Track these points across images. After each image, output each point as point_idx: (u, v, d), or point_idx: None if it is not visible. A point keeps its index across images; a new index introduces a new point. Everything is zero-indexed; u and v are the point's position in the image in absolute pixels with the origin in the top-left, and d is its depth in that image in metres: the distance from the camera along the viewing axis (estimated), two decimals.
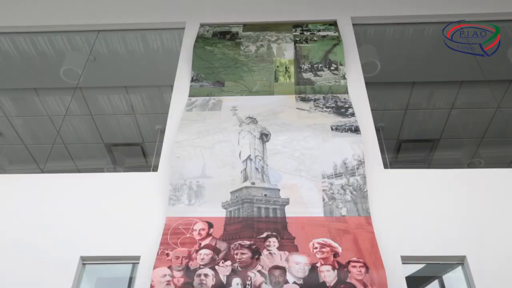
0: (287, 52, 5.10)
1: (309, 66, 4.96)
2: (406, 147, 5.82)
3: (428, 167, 5.78)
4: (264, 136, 4.21)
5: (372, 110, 4.61)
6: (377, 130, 4.56)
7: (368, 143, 4.24)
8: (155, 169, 4.32)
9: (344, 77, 4.82)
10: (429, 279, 3.77)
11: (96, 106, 5.91)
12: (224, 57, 5.08)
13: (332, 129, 4.25)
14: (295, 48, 5.14)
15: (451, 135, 5.90)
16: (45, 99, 5.84)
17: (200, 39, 5.28)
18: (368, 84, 4.81)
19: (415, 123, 5.87)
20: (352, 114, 4.40)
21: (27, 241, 3.75)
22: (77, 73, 5.56)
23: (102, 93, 5.92)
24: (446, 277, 3.74)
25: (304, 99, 4.67)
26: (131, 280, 3.66)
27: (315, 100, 4.65)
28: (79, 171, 6.20)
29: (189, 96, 4.78)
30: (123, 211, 3.91)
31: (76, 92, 5.68)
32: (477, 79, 5.32)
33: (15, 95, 5.95)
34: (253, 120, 4.37)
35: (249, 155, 4.06)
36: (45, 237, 3.77)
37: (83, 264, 3.71)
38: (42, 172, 5.27)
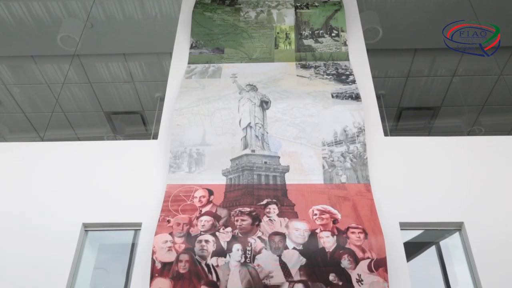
0: (288, 18, 5.01)
1: (310, 32, 4.89)
2: (406, 114, 5.81)
3: (429, 135, 5.78)
4: (264, 104, 4.19)
5: (373, 77, 4.56)
6: (378, 97, 4.53)
7: (368, 111, 4.22)
8: (155, 137, 4.32)
9: (345, 44, 4.75)
10: (427, 245, 3.83)
11: (95, 74, 5.85)
12: (223, 23, 5.00)
13: (332, 96, 4.22)
14: (296, 14, 5.04)
15: (452, 102, 5.87)
16: (43, 67, 5.78)
17: (199, 5, 5.17)
18: (370, 51, 4.75)
19: (416, 91, 5.83)
20: (353, 82, 4.36)
21: (29, 209, 3.79)
22: (74, 40, 5.49)
23: (101, 60, 5.85)
24: (443, 243, 3.80)
25: (304, 66, 4.62)
26: (133, 246, 3.71)
27: (315, 67, 4.60)
28: (79, 139, 6.21)
29: (189, 63, 4.73)
30: (124, 178, 3.94)
31: (74, 59, 5.62)
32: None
33: (12, 63, 5.88)
34: (253, 88, 4.34)
35: (249, 123, 4.05)
36: (46, 204, 3.81)
37: (86, 230, 3.76)
38: (42, 140, 5.28)
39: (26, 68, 5.87)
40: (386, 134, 4.21)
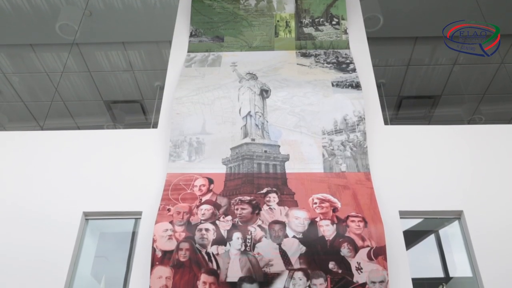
0: (288, 6, 4.97)
1: (310, 20, 4.85)
2: (407, 103, 5.79)
3: (429, 124, 5.77)
4: (264, 92, 4.18)
5: (373, 66, 4.54)
6: (378, 86, 4.52)
7: (368, 99, 4.21)
8: (155, 126, 4.32)
9: (345, 32, 4.73)
10: (426, 233, 3.85)
11: (94, 63, 5.82)
12: (223, 11, 4.96)
13: (332, 85, 4.21)
14: (296, 2, 5.00)
15: (453, 91, 5.85)
16: (42, 56, 5.75)
17: None
18: (370, 39, 4.72)
19: (417, 79, 5.81)
20: (353, 70, 4.34)
21: (29, 198, 3.80)
22: (73, 29, 5.45)
23: (100, 49, 5.82)
24: (442, 232, 3.82)
25: (304, 55, 4.60)
26: (133, 235, 3.73)
27: (315, 55, 4.58)
28: (79, 128, 6.20)
29: (188, 51, 4.71)
30: (124, 167, 3.94)
31: (73, 48, 5.59)
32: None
33: (11, 51, 5.85)
34: (253, 76, 4.32)
35: (249, 111, 4.04)
36: (47, 193, 3.82)
37: (86, 219, 3.77)
38: (42, 129, 5.27)
39: (24, 57, 5.84)
40: (386, 123, 4.21)
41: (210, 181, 3.70)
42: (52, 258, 3.48)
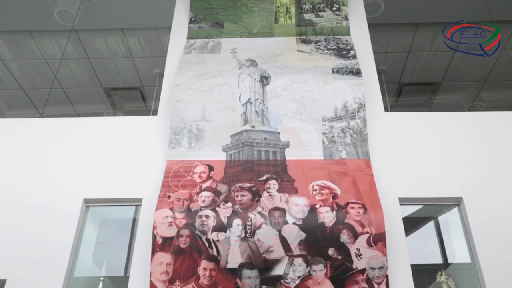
0: None
1: (311, 6, 4.81)
2: (407, 90, 5.77)
3: (429, 111, 5.76)
4: (264, 79, 4.16)
5: (374, 52, 4.52)
6: (379, 73, 4.50)
7: (369, 86, 4.20)
8: (154, 113, 4.31)
9: (346, 18, 4.69)
10: (425, 220, 3.86)
11: (93, 50, 5.79)
12: None
13: (333, 71, 4.19)
14: None
15: (453, 78, 5.82)
16: (40, 42, 5.72)
17: None
18: (371, 26, 4.69)
19: (418, 66, 5.78)
20: (354, 57, 4.32)
21: (29, 185, 3.81)
22: (71, 15, 5.41)
23: (99, 35, 5.78)
24: (441, 218, 3.83)
25: (305, 41, 4.57)
26: (134, 222, 3.75)
27: (316, 42, 4.55)
28: (78, 115, 6.19)
29: (188, 38, 4.68)
30: (124, 154, 3.94)
31: (71, 34, 5.55)
32: (483, 19, 5.19)
33: (9, 38, 5.81)
34: (253, 63, 4.30)
35: (249, 98, 4.03)
36: (47, 181, 3.82)
37: (87, 206, 3.79)
38: (42, 116, 5.26)
39: (23, 44, 5.80)
40: (386, 110, 4.20)
41: (210, 168, 3.70)
42: (53, 244, 3.50)
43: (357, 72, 4.15)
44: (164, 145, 3.91)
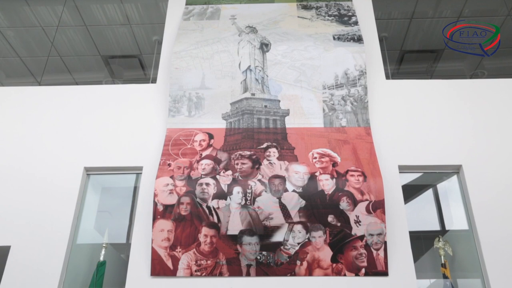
0: None
1: None
2: (409, 57, 5.69)
3: (431, 79, 5.70)
4: (264, 46, 4.10)
5: (376, 19, 4.45)
6: (380, 40, 4.43)
7: (370, 53, 4.15)
8: (153, 81, 4.28)
9: None
10: (424, 188, 3.89)
11: (90, 17, 5.68)
12: None
13: (334, 38, 4.13)
14: None
15: (456, 45, 5.74)
16: (36, 9, 5.60)
17: None
18: None
19: (420, 33, 5.68)
20: (356, 23, 4.24)
21: (29, 154, 3.81)
22: None
23: (96, 2, 5.66)
24: (440, 186, 3.86)
25: (305, 7, 4.48)
26: (135, 190, 3.77)
27: (317, 8, 4.46)
28: (77, 84, 6.13)
29: (186, 4, 4.59)
30: (123, 122, 3.93)
31: (68, 1, 5.44)
32: None
33: (4, 4, 5.70)
34: (252, 30, 4.23)
35: (249, 66, 3.99)
36: (47, 149, 3.83)
37: (87, 174, 3.80)
38: (40, 85, 5.22)
39: (18, 10, 5.70)
40: (387, 78, 4.17)
41: (210, 136, 3.70)
42: (56, 212, 3.53)
43: (359, 39, 4.09)
44: (164, 113, 3.89)
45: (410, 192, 3.71)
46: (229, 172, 3.46)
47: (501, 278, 3.22)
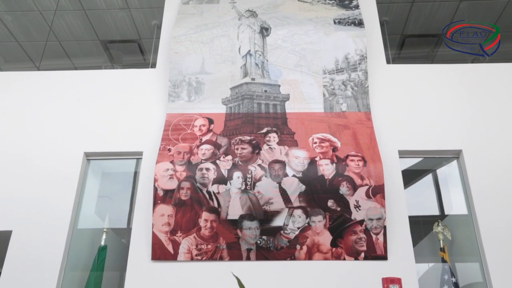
0: None
1: None
2: (410, 42, 5.65)
3: (432, 63, 5.67)
4: (264, 30, 4.07)
5: (377, 2, 4.41)
6: (381, 24, 4.40)
7: (371, 38, 4.11)
8: (153, 66, 4.25)
9: None
10: (424, 173, 3.89)
11: (88, 1, 5.63)
12: None
13: (334, 22, 4.09)
14: None
15: (458, 30, 5.69)
16: None
17: None
18: None
19: (421, 17, 5.63)
20: (356, 7, 4.20)
21: (30, 139, 3.81)
22: None
23: None
24: (440, 171, 3.86)
25: None
26: (135, 175, 3.77)
27: None
28: (76, 69, 6.10)
29: None
30: (123, 107, 3.92)
31: None
32: None
33: None
34: (252, 14, 4.19)
35: (249, 50, 3.96)
36: (47, 134, 3.82)
37: (88, 159, 3.80)
38: (39, 70, 5.19)
39: None
40: (388, 62, 4.14)
41: (210, 121, 3.69)
42: (56, 197, 3.54)
43: (359, 23, 4.05)
44: (164, 98, 3.87)
45: (410, 177, 3.72)
46: (229, 157, 3.46)
47: (499, 262, 3.24)
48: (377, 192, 3.30)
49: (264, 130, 3.60)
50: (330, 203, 3.30)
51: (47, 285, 3.24)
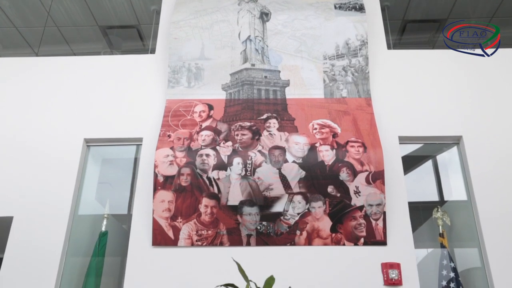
0: None
1: None
2: (411, 27, 5.60)
3: (433, 49, 5.63)
4: (264, 15, 4.03)
5: None
6: (382, 9, 4.36)
7: (372, 23, 4.08)
8: (152, 51, 4.23)
9: None
10: (424, 159, 3.89)
11: None
12: None
13: (335, 7, 4.05)
14: None
15: (460, 15, 5.64)
16: None
17: None
18: None
19: (423, 2, 5.57)
20: None
21: (29, 125, 3.80)
22: None
23: None
24: (440, 157, 3.86)
25: None
26: (135, 161, 3.78)
27: None
28: (75, 54, 6.07)
29: None
30: (123, 93, 3.91)
31: None
32: None
33: None
34: None
35: (249, 36, 3.93)
36: (46, 121, 3.81)
37: (88, 146, 3.80)
38: (37, 56, 5.16)
39: None
40: (389, 48, 4.11)
41: (210, 107, 3.68)
42: (57, 183, 3.55)
43: (360, 8, 4.02)
44: (163, 84, 3.86)
45: (410, 163, 3.72)
46: (229, 143, 3.46)
47: (497, 248, 3.26)
48: (377, 178, 3.30)
49: (264, 116, 3.59)
50: (330, 189, 3.30)
51: (48, 271, 3.26)
